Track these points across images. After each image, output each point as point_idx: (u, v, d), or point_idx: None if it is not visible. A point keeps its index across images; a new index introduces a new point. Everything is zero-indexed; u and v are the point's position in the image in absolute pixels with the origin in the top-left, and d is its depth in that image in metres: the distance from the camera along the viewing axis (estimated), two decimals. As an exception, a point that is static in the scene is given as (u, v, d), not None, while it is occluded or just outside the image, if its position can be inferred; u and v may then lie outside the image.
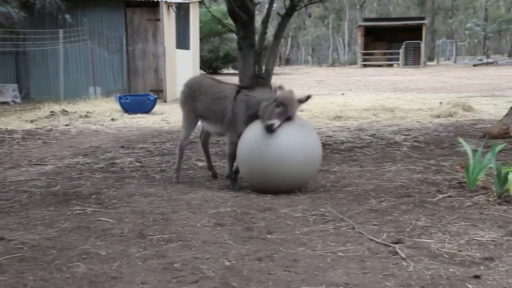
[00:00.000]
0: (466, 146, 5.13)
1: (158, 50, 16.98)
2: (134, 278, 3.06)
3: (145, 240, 3.72)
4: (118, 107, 13.39)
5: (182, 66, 18.55)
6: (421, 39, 43.03)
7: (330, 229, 3.89)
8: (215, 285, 2.95)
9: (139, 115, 12.60)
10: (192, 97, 5.51)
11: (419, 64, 41.75)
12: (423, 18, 48.10)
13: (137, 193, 5.10)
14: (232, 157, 5.25)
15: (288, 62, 63.09)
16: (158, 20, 16.74)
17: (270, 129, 4.80)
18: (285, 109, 4.88)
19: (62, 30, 16.05)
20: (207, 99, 5.39)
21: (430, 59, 54.69)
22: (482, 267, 3.09)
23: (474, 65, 40.49)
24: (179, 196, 4.97)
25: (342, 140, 8.20)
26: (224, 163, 6.06)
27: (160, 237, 3.79)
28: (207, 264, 3.25)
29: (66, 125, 11.08)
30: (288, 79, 28.90)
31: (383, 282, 2.94)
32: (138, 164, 6.70)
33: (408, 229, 3.80)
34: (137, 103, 13.19)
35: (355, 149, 7.38)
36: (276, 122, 4.80)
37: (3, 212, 4.54)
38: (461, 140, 5.63)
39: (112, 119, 11.94)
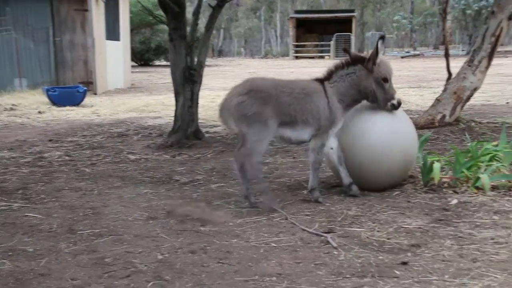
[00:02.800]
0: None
1: (87, 41, 16.55)
2: (63, 275, 3.00)
3: (75, 235, 3.65)
4: (46, 99, 12.98)
5: (112, 57, 18.19)
6: (351, 31, 43.88)
7: (263, 220, 3.92)
8: (148, 279, 2.93)
9: (68, 107, 12.27)
10: (263, 101, 4.27)
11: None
12: (352, 11, 49.06)
13: (66, 188, 4.98)
14: (319, 164, 4.50)
15: (220, 53, 62.97)
16: (86, 10, 16.32)
17: (398, 107, 4.47)
18: (390, 79, 4.44)
19: (-17, 20, 15.41)
20: (291, 99, 4.34)
21: (360, 50, 55.77)
22: (409, 254, 3.19)
23: (402, 57, 41.61)
24: (110, 190, 4.89)
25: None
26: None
27: (91, 231, 3.73)
28: (140, 258, 3.22)
29: (-10, 118, 10.68)
30: (221, 71, 28.84)
31: (315, 271, 2.99)
32: (67, 158, 6.53)
33: (339, 219, 3.88)
34: (66, 96, 12.84)
35: (287, 140, 7.44)
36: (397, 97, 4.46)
37: None
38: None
39: (40, 112, 11.55)
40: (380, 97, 4.42)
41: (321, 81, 4.50)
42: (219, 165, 5.90)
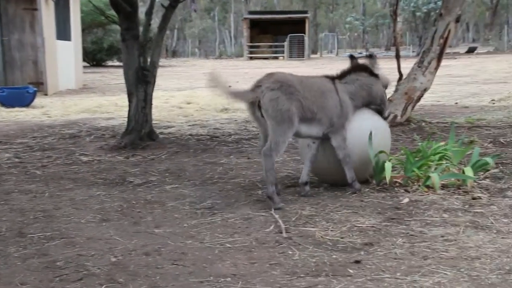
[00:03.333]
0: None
1: (36, 41, 16.21)
2: (12, 279, 2.93)
3: (24, 239, 3.58)
4: (-6, 100, 12.67)
5: (63, 57, 17.86)
6: (304, 32, 44.24)
7: (218, 221, 3.91)
8: (101, 282, 2.89)
9: (17, 108, 11.98)
10: (291, 97, 4.24)
11: (303, 57, 42.90)
12: (306, 12, 49.45)
13: (16, 190, 4.88)
14: (349, 157, 4.49)
15: (174, 54, 62.58)
16: (36, 9, 15.98)
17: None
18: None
19: None
20: (312, 96, 4.36)
21: (314, 52, 56.32)
22: (362, 252, 3.24)
23: (355, 58, 42.15)
24: (62, 192, 4.80)
25: (230, 132, 8.26)
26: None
27: (42, 235, 3.66)
28: (92, 261, 3.18)
29: None
30: (175, 71, 28.69)
31: (270, 271, 3.00)
32: (16, 160, 6.39)
33: (294, 218, 3.90)
34: (15, 96, 12.55)
35: (242, 141, 7.46)
36: None
37: None
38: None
39: (-13, 114, 11.28)
40: (386, 104, 4.82)
41: (332, 79, 4.61)
42: (173, 166, 5.87)
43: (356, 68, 4.69)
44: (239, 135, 8.03)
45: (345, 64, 4.78)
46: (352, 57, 4.85)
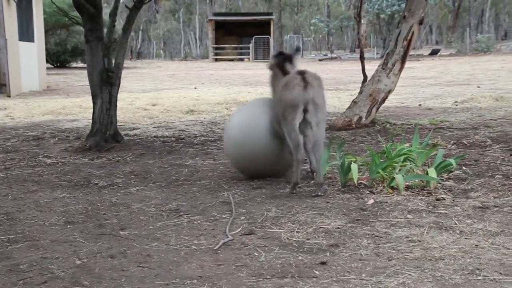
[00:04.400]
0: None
1: (-1, 42, 15.95)
2: (-25, 284, 2.88)
3: (-13, 243, 3.51)
4: (-45, 102, 12.41)
5: (26, 59, 17.60)
6: (269, 34, 44.40)
7: (184, 223, 3.91)
8: (65, 285, 2.87)
9: (-22, 110, 11.78)
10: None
11: (268, 59, 42.97)
12: (271, 14, 49.69)
13: (-24, 194, 4.79)
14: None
15: (139, 55, 62.16)
16: (-2, 10, 15.72)
17: None
18: None
19: None
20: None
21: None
22: (328, 254, 3.26)
23: (320, 60, 42.52)
24: (25, 195, 4.74)
25: (195, 134, 8.24)
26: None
27: (5, 238, 3.60)
28: (57, 264, 3.15)
29: None
30: (139, 73, 28.50)
31: (236, 273, 3.01)
32: (-22, 162, 6.28)
33: (260, 220, 3.92)
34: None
35: (208, 143, 7.45)
36: None
37: None
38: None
39: None
40: None
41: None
42: (138, 168, 5.84)
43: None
44: (204, 136, 8.02)
45: (310, 66, 4.83)
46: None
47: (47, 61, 25.16)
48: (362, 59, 8.99)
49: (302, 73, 4.60)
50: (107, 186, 5.06)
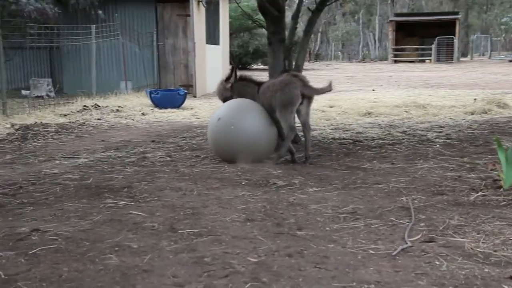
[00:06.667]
0: (498, 144, 4.99)
1: (188, 46, 17.05)
2: (165, 271, 3.08)
3: (176, 234, 3.74)
4: (149, 101, 13.50)
5: (211, 61, 18.62)
6: (454, 35, 42.49)
7: (360, 226, 3.86)
8: (245, 280, 2.95)
9: (169, 109, 12.67)
10: None
11: (452, 60, 41.28)
12: (456, 13, 47.39)
13: (167, 187, 5.12)
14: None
15: (318, 57, 62.79)
16: (188, 15, 16.82)
17: None
18: None
19: (94, 25, 16.21)
20: None
21: (464, 54, 53.96)
22: (517, 268, 3.03)
23: (510, 61, 39.82)
24: (209, 191, 4.98)
25: (373, 137, 8.14)
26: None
27: (191, 231, 3.80)
28: (237, 259, 3.26)
29: (98, 119, 11.22)
30: (318, 74, 28.80)
31: (415, 281, 2.90)
32: (168, 158, 6.74)
33: (441, 228, 3.75)
34: (168, 98, 13.26)
35: (386, 146, 7.32)
36: None
37: (38, 204, 4.62)
38: (495, 137, 5.52)
39: (143, 114, 12.04)
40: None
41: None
42: (315, 169, 5.89)
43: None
44: (382, 139, 7.89)
45: (497, 67, 4.53)
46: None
47: (230, 63, 26.36)
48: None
49: (295, 76, 6.33)
50: (285, 186, 5.15)
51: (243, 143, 6.12)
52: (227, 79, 6.73)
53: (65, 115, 11.63)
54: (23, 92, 16.24)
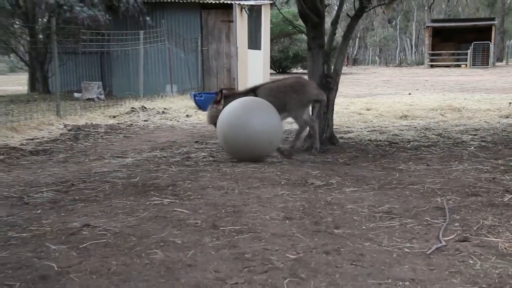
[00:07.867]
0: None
1: (231, 50, 17.31)
2: (207, 266, 3.20)
3: (217, 231, 3.87)
4: (193, 104, 13.81)
5: (253, 65, 18.82)
6: (490, 40, 41.89)
7: (396, 226, 3.95)
8: (284, 276, 3.05)
9: (214, 112, 12.85)
10: None
11: (487, 65, 40.70)
12: (492, 19, 46.71)
13: (210, 186, 5.27)
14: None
15: (355, 62, 62.43)
16: (231, 21, 17.06)
17: None
18: None
19: (142, 31, 16.61)
20: None
21: (499, 59, 53.06)
22: (552, 268, 3.07)
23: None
24: (249, 190, 5.11)
25: (409, 139, 8.19)
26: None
27: (232, 228, 3.93)
28: (276, 256, 3.36)
29: (145, 120, 11.57)
30: (355, 78, 28.73)
31: (449, 279, 2.97)
32: (211, 158, 6.92)
33: (475, 228, 3.82)
34: (211, 101, 13.39)
35: (421, 148, 7.37)
36: None
37: (89, 200, 4.84)
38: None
39: (187, 116, 12.34)
40: None
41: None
42: (352, 170, 5.99)
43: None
44: (418, 142, 7.94)
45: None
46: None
47: (271, 67, 26.59)
48: None
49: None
50: (323, 186, 5.26)
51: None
52: (218, 102, 7.12)
53: (114, 117, 12.01)
54: (75, 94, 16.83)
